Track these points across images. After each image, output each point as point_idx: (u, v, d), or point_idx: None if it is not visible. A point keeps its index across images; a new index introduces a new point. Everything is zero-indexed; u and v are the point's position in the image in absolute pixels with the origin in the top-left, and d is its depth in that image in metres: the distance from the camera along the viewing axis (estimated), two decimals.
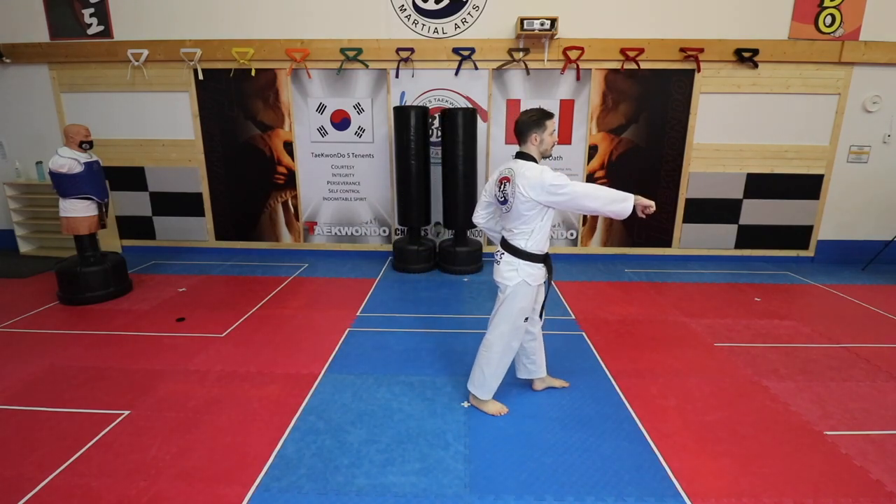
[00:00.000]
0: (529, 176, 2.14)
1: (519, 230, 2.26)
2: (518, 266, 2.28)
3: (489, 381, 2.45)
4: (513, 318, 2.35)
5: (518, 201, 2.18)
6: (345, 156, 5.39)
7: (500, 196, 2.28)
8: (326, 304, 4.08)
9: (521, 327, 2.39)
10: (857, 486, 2.01)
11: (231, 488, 1.96)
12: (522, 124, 2.25)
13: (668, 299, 4.23)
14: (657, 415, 2.50)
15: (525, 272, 2.27)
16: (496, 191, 2.31)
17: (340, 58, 5.03)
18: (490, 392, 2.48)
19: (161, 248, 5.71)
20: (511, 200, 2.21)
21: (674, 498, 1.94)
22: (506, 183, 2.23)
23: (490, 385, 2.46)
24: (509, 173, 2.23)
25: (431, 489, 1.98)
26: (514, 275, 2.28)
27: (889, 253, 5.31)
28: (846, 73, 4.95)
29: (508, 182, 2.21)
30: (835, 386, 2.80)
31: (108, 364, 3.00)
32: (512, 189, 2.19)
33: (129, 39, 5.11)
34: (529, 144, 2.25)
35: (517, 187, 2.16)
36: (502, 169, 2.30)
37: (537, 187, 2.12)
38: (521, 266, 2.27)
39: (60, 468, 2.08)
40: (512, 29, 4.92)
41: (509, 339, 2.40)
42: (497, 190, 2.30)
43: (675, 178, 5.29)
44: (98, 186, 4.01)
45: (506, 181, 2.23)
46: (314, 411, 2.51)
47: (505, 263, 2.31)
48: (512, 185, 2.19)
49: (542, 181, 2.11)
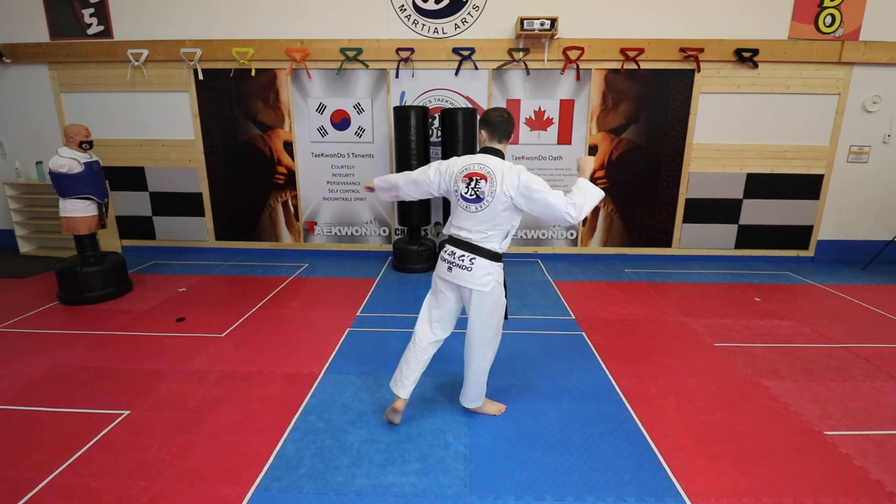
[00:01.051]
0: (512, 175, 2.03)
1: (492, 232, 2.11)
2: (493, 270, 2.15)
3: (483, 388, 2.44)
4: (498, 320, 2.27)
5: (497, 201, 2.04)
6: (345, 156, 5.39)
7: (469, 194, 2.08)
8: (326, 304, 4.08)
9: (502, 324, 2.33)
10: (857, 486, 2.01)
11: (231, 488, 1.96)
12: (507, 122, 2.13)
13: (668, 299, 4.23)
14: (657, 415, 2.50)
15: (498, 274, 2.18)
16: (462, 188, 2.10)
17: (340, 58, 5.04)
18: (484, 395, 2.48)
19: (161, 248, 5.71)
20: (488, 200, 2.05)
21: (674, 498, 1.94)
22: (479, 180, 2.05)
23: (484, 390, 2.45)
24: (484, 171, 2.06)
25: (431, 489, 1.98)
26: (490, 279, 2.14)
27: (889, 253, 5.31)
28: (846, 73, 4.95)
29: (485, 180, 2.04)
30: (835, 386, 2.80)
31: (108, 364, 3.00)
32: (490, 188, 2.03)
33: (129, 39, 5.11)
34: (505, 143, 2.17)
35: (498, 187, 2.03)
36: (469, 164, 2.09)
37: (519, 188, 2.02)
38: (496, 269, 2.16)
39: (60, 468, 2.08)
40: (512, 29, 4.92)
41: (497, 341, 2.35)
42: (464, 186, 2.10)
43: (675, 178, 5.29)
44: (98, 186, 4.01)
45: (480, 178, 2.05)
46: (314, 411, 2.51)
47: (479, 269, 2.12)
48: (490, 184, 2.03)
49: (521, 182, 2.01)
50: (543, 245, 5.55)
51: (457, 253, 2.16)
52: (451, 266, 2.19)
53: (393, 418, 2.36)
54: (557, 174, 5.32)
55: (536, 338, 3.44)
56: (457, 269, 2.16)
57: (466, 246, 2.15)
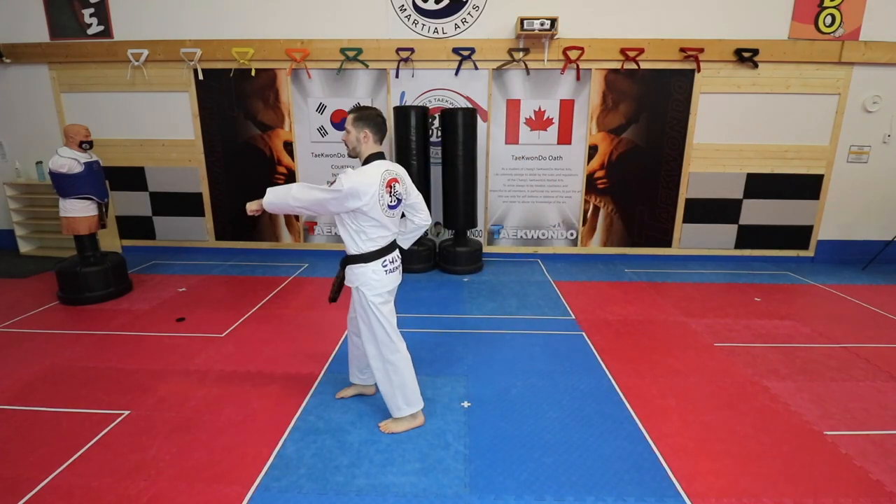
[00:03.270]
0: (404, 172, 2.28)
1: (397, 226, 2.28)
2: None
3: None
4: None
5: (407, 199, 2.26)
6: (345, 156, 5.38)
7: (391, 200, 2.14)
8: (326, 304, 4.08)
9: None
10: (857, 486, 2.01)
11: (231, 488, 1.96)
12: (384, 122, 2.20)
13: (668, 299, 4.23)
14: (657, 415, 2.50)
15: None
16: (386, 196, 2.11)
17: (340, 58, 5.04)
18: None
19: (161, 248, 5.71)
20: (404, 200, 2.24)
21: (674, 498, 1.94)
22: (395, 184, 2.16)
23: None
24: (395, 175, 2.18)
25: (431, 489, 1.98)
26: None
27: (889, 253, 5.31)
28: (846, 73, 4.95)
29: (398, 182, 2.17)
30: (835, 386, 2.80)
31: (108, 364, 3.00)
32: (405, 188, 2.22)
33: (129, 39, 5.11)
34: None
35: (406, 184, 2.23)
36: (383, 173, 2.11)
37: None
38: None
39: (60, 468, 2.08)
40: (512, 29, 4.92)
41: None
42: (387, 194, 2.11)
43: (675, 178, 5.29)
44: (98, 186, 4.01)
45: (395, 182, 2.16)
46: (314, 411, 2.51)
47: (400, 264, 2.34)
48: (403, 184, 2.21)
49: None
50: (543, 245, 5.55)
51: (395, 256, 2.28)
52: (396, 270, 2.28)
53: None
54: (557, 174, 5.32)
55: (536, 338, 3.44)
56: (398, 272, 2.30)
57: (396, 247, 2.31)
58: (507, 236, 5.56)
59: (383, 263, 2.19)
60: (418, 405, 2.36)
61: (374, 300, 2.19)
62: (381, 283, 2.19)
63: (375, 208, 2.08)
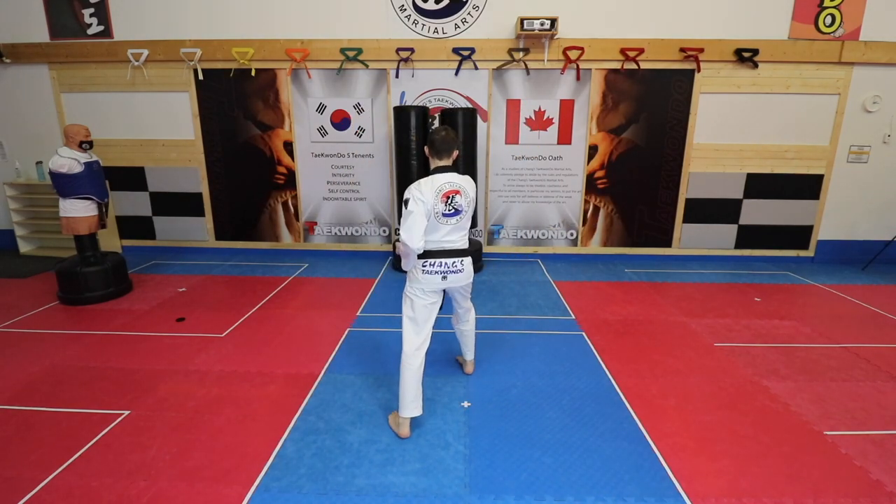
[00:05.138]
0: (471, 185, 2.39)
1: (465, 232, 2.44)
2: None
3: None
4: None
5: (471, 208, 2.39)
6: (345, 156, 5.39)
7: (447, 209, 2.30)
8: (326, 304, 4.08)
9: None
10: (857, 486, 2.01)
11: (231, 488, 1.96)
12: (452, 141, 2.34)
13: (668, 299, 4.23)
14: (657, 415, 2.50)
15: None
16: (440, 205, 2.28)
17: (340, 58, 5.04)
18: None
19: (161, 248, 5.71)
20: (466, 210, 2.36)
21: (674, 498, 1.94)
22: (455, 196, 2.31)
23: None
24: (456, 187, 2.31)
25: (431, 489, 1.98)
26: (472, 268, 2.53)
27: (889, 253, 5.32)
28: (846, 73, 4.95)
29: (458, 195, 2.31)
30: (835, 386, 2.80)
31: (108, 364, 3.00)
32: (466, 200, 2.34)
33: (129, 39, 5.11)
34: (452, 159, 2.37)
35: (469, 196, 2.35)
36: (441, 184, 2.28)
37: (476, 193, 2.43)
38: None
39: (60, 468, 2.08)
40: (512, 29, 4.92)
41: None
42: (442, 204, 2.29)
43: (675, 178, 5.29)
44: (98, 186, 4.01)
45: (455, 194, 2.31)
46: (314, 411, 2.51)
47: (468, 266, 2.47)
48: (464, 196, 2.32)
49: (475, 189, 2.42)
50: (543, 245, 5.55)
51: (449, 262, 2.39)
52: (444, 275, 2.39)
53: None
54: (557, 174, 5.32)
55: (536, 338, 3.44)
56: (451, 275, 2.41)
57: (456, 253, 2.41)
58: (507, 236, 5.56)
59: (425, 263, 2.37)
60: (407, 412, 2.31)
61: (408, 291, 2.47)
62: (418, 279, 2.40)
63: (429, 214, 2.28)
